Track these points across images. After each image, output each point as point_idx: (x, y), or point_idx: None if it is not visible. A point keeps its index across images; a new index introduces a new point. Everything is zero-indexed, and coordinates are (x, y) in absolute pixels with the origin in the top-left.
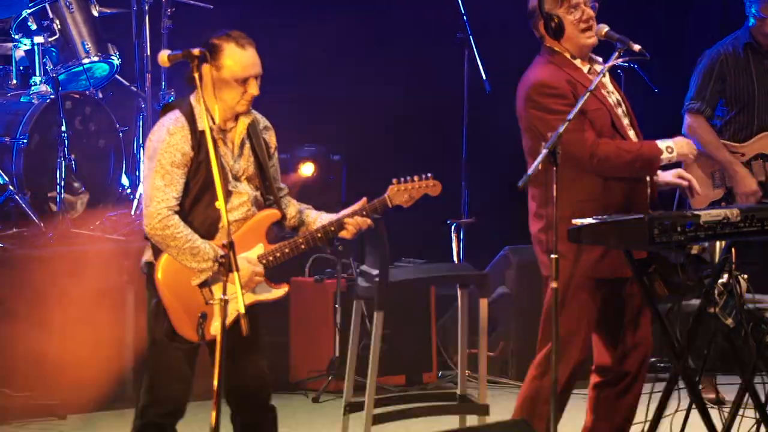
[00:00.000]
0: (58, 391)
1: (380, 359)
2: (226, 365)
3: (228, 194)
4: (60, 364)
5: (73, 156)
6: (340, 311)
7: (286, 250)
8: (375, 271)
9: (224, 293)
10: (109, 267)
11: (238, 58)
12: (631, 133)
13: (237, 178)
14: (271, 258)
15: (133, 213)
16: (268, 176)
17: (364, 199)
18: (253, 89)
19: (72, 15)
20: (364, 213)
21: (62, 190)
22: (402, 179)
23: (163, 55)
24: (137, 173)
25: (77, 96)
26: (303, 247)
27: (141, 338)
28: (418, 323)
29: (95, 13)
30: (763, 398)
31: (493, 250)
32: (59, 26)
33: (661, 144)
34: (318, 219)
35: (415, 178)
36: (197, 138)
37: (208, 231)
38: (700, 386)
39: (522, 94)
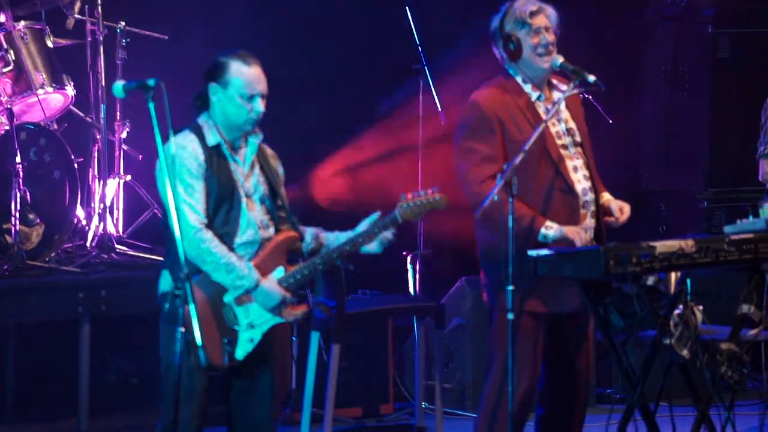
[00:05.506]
0: (16, 424)
1: (337, 391)
2: (237, 401)
3: (239, 208)
4: (16, 397)
5: (27, 187)
6: (297, 343)
7: (306, 272)
8: (332, 303)
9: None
10: (64, 299)
11: (245, 75)
12: (578, 162)
13: (249, 196)
14: (291, 281)
15: (88, 245)
16: (284, 200)
17: (378, 214)
18: (259, 107)
19: (27, 46)
20: (376, 231)
21: (17, 222)
22: (411, 194)
23: (118, 86)
24: (92, 205)
25: (32, 127)
26: (320, 268)
27: (96, 371)
28: (375, 355)
29: (50, 44)
30: (719, 430)
31: (449, 282)
32: (14, 57)
33: (547, 225)
34: (336, 239)
35: (421, 192)
36: (208, 152)
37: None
38: None
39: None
